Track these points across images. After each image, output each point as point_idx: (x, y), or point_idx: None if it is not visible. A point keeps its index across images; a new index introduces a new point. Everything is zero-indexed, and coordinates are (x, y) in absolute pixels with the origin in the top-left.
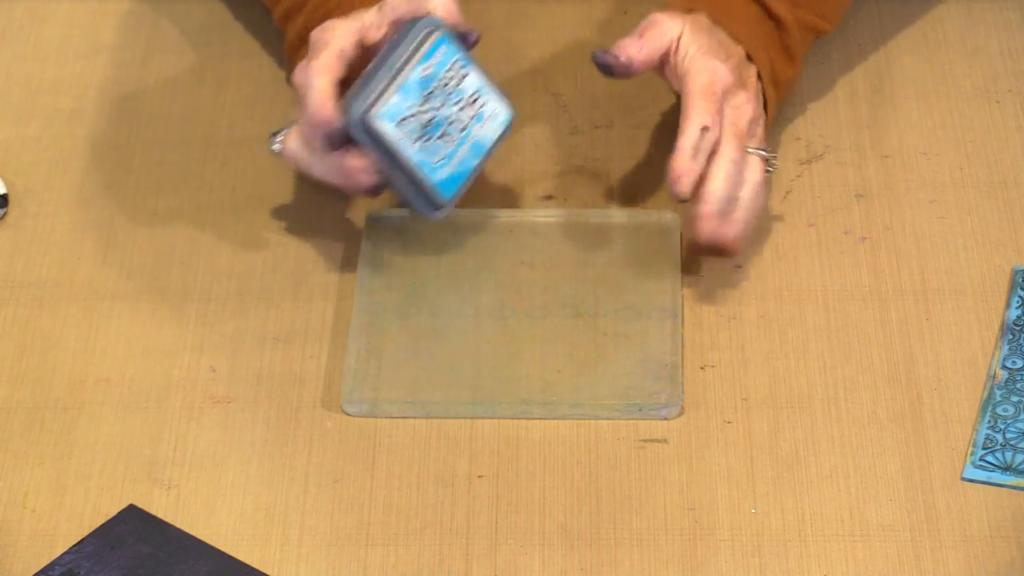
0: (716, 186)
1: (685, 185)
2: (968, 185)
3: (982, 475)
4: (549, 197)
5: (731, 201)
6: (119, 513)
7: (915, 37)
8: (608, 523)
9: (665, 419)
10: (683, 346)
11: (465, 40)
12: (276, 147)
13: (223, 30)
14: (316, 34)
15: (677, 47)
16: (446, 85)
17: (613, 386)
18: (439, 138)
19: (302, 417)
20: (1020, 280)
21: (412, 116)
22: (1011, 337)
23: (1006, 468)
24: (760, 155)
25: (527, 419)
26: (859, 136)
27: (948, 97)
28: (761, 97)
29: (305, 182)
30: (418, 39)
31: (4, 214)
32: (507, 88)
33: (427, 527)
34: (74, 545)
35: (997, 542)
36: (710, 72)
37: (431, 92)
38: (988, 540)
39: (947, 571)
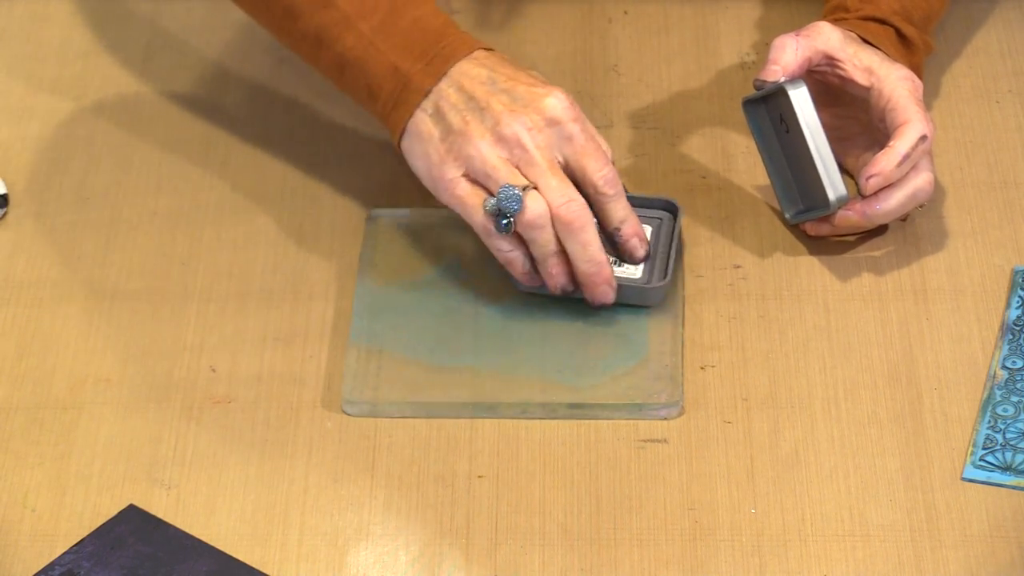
0: (897, 199)
1: (876, 187)
2: (968, 185)
3: (982, 475)
4: None
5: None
6: (119, 513)
7: None
8: (608, 523)
9: (665, 419)
10: (683, 346)
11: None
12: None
13: (223, 30)
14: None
15: (841, 47)
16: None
17: (613, 386)
18: None
19: (302, 417)
20: (1020, 280)
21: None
22: (1011, 337)
23: (1006, 468)
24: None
25: (527, 419)
26: None
27: (948, 97)
28: None
29: (305, 182)
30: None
31: (4, 214)
32: None
33: (427, 527)
34: (74, 545)
35: (997, 542)
36: (909, 78)
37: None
38: (988, 540)
39: (947, 571)
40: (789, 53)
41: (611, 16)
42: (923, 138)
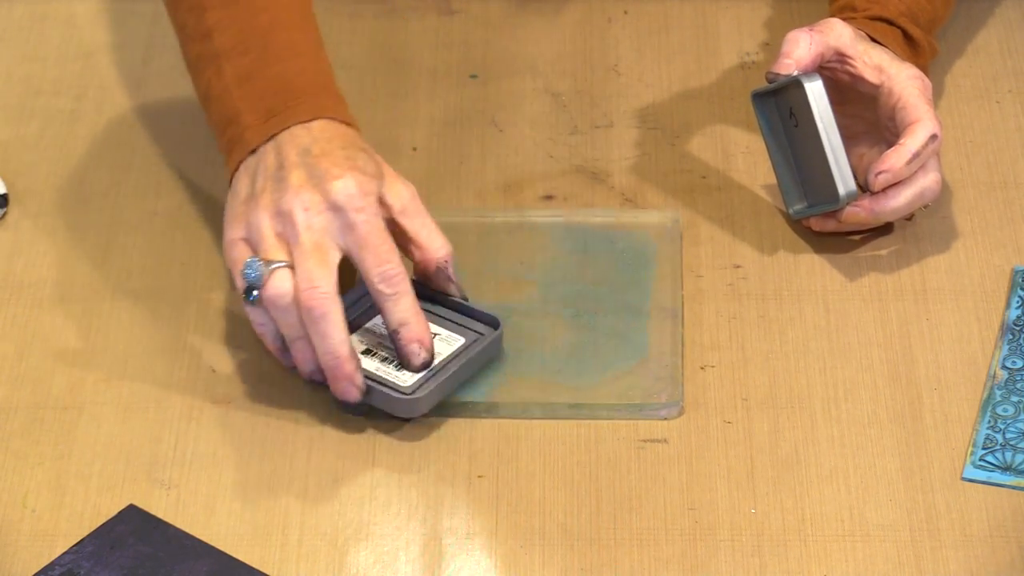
0: (905, 197)
1: (884, 183)
2: (968, 185)
3: (982, 475)
4: (549, 197)
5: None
6: (119, 513)
7: None
8: (608, 523)
9: (665, 419)
10: (683, 346)
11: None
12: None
13: None
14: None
15: (852, 44)
16: None
17: (613, 386)
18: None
19: (302, 417)
20: (1020, 280)
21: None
22: (1011, 337)
23: (1006, 468)
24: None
25: (527, 419)
26: None
27: (948, 97)
28: None
29: None
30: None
31: (4, 214)
32: (508, 88)
33: (427, 527)
34: (74, 545)
35: (997, 542)
36: (919, 77)
37: None
38: (988, 540)
39: (947, 571)
40: (803, 47)
41: (611, 16)
42: (933, 137)
